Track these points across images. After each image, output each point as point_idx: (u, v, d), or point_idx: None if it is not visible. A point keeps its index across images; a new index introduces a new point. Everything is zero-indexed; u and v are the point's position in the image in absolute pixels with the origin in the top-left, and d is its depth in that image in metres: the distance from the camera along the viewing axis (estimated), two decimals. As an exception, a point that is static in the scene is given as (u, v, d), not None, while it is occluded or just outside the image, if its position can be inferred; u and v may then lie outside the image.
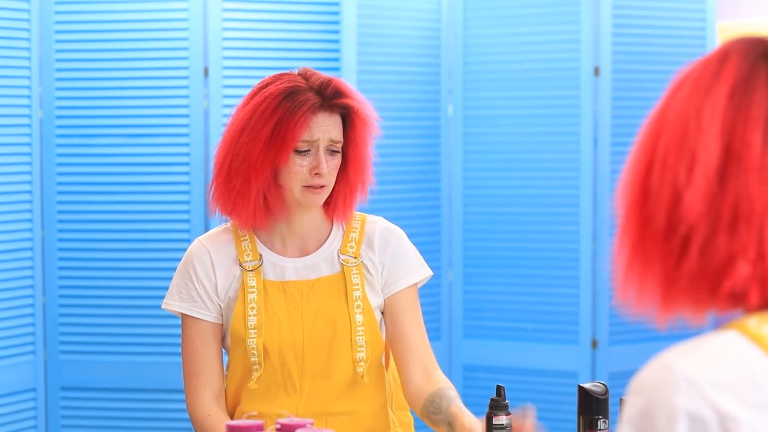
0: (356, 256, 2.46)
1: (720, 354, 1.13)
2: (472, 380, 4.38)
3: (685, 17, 4.32)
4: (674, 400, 1.11)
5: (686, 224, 1.17)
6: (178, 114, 3.99)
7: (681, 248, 1.18)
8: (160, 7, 3.99)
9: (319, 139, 2.36)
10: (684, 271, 1.17)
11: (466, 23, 4.37)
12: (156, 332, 4.01)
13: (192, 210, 3.99)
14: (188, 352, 2.47)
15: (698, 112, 1.19)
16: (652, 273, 1.20)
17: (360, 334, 2.42)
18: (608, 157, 4.23)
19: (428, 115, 4.34)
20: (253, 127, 2.36)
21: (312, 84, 2.38)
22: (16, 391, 3.89)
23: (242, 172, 2.37)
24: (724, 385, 1.11)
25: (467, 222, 4.40)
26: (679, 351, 1.15)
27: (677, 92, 1.23)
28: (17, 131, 3.88)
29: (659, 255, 1.19)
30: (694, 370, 1.12)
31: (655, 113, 1.25)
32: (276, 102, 2.35)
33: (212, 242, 2.47)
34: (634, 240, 1.22)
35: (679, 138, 1.19)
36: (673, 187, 1.18)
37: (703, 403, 1.10)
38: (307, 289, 2.43)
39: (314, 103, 2.35)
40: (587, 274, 4.23)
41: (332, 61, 4.03)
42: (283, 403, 2.40)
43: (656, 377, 1.14)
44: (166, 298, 2.50)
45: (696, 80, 1.21)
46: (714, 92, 1.19)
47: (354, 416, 2.44)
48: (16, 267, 3.88)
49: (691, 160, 1.17)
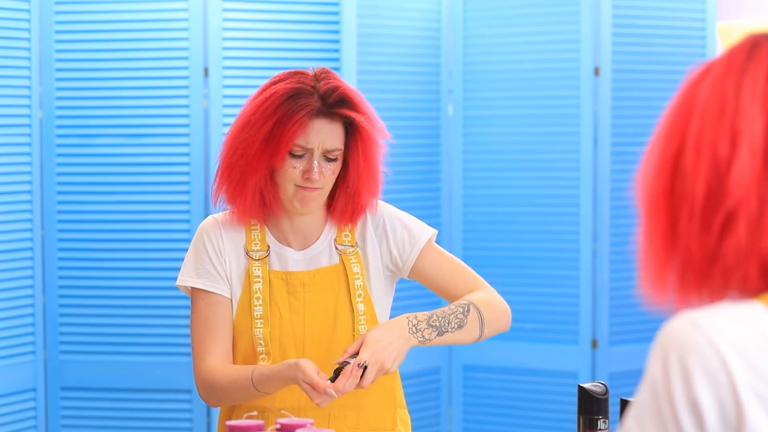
0: (353, 244, 2.46)
1: (743, 318, 1.13)
2: (472, 380, 4.38)
3: (685, 17, 4.32)
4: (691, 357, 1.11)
5: (733, 198, 1.14)
6: (178, 114, 3.99)
7: (724, 224, 1.15)
8: (160, 7, 3.99)
9: (314, 147, 2.35)
10: (730, 247, 1.15)
11: (466, 23, 4.37)
12: (156, 332, 4.01)
13: (192, 210, 3.99)
14: (196, 323, 2.43)
15: (737, 89, 1.16)
16: (684, 256, 1.18)
17: (362, 324, 2.42)
18: (608, 157, 4.23)
19: (428, 115, 4.34)
20: (254, 124, 2.36)
21: (319, 88, 2.36)
22: (16, 391, 3.89)
23: (240, 167, 2.38)
24: (747, 354, 1.10)
25: (467, 222, 4.40)
26: (708, 311, 1.14)
27: (702, 79, 1.20)
28: (17, 131, 3.88)
29: (696, 234, 1.16)
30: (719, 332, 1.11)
31: (678, 102, 1.22)
32: (278, 102, 2.35)
33: (225, 223, 2.47)
34: (663, 226, 1.19)
35: (716, 115, 1.16)
36: (712, 162, 1.15)
37: (718, 363, 1.10)
38: (309, 279, 2.43)
39: (314, 108, 2.34)
40: (587, 274, 4.23)
41: (332, 61, 4.02)
42: (285, 398, 2.40)
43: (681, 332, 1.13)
44: (181, 274, 2.46)
45: (727, 64, 1.19)
46: (751, 71, 1.17)
47: (358, 412, 2.44)
48: (16, 267, 3.88)
49: (734, 133, 1.15)
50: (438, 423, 4.37)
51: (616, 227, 4.24)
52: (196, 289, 2.44)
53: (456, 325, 2.39)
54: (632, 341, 4.24)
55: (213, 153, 3.92)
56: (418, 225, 2.53)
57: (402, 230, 2.50)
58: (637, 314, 4.21)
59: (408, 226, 2.51)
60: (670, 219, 1.19)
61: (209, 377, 2.39)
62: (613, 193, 4.23)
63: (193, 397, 3.99)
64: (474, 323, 2.42)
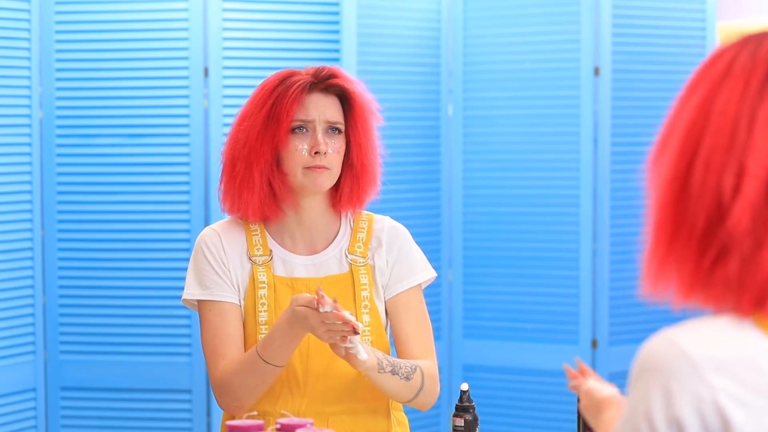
0: (364, 256, 2.46)
1: (725, 336, 1.13)
2: (472, 380, 4.38)
3: (685, 17, 4.32)
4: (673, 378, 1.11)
5: (730, 235, 1.14)
6: (178, 114, 3.99)
7: (718, 255, 1.15)
8: (160, 7, 3.99)
9: (315, 118, 2.39)
10: (719, 277, 1.15)
11: (466, 23, 4.37)
12: (156, 332, 4.01)
13: (192, 210, 3.99)
14: (207, 335, 2.41)
15: (751, 117, 1.14)
16: (679, 269, 1.18)
17: (366, 335, 2.42)
18: (608, 157, 4.23)
19: (428, 115, 4.34)
20: (251, 114, 2.40)
21: (308, 70, 2.44)
22: (16, 391, 3.89)
23: (243, 156, 2.38)
24: (725, 366, 1.10)
25: (467, 222, 4.40)
26: (684, 328, 1.14)
27: (718, 88, 1.17)
28: (17, 131, 3.88)
29: (692, 256, 1.17)
30: (697, 349, 1.11)
31: (693, 108, 1.19)
32: (272, 87, 2.41)
33: (224, 231, 2.46)
34: (665, 236, 1.19)
35: (727, 141, 1.14)
36: (716, 193, 1.15)
37: (701, 385, 1.10)
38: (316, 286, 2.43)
39: (307, 82, 2.40)
40: (587, 274, 4.23)
41: (332, 61, 4.02)
42: (286, 402, 2.40)
43: (659, 352, 1.13)
44: (185, 289, 2.44)
45: (744, 82, 1.16)
46: (767, 98, 1.15)
47: (356, 415, 2.44)
48: (16, 267, 3.88)
49: (740, 169, 1.13)
50: (438, 423, 4.37)
51: (616, 227, 4.24)
52: (202, 301, 2.43)
53: (404, 376, 2.38)
54: (632, 341, 4.24)
55: (213, 153, 3.93)
56: (422, 263, 2.54)
57: (407, 260, 2.49)
58: (637, 314, 4.21)
59: (414, 260, 2.51)
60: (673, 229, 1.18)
61: (222, 377, 2.37)
62: (613, 193, 4.23)
63: (193, 397, 3.99)
64: (415, 385, 2.41)
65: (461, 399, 2.40)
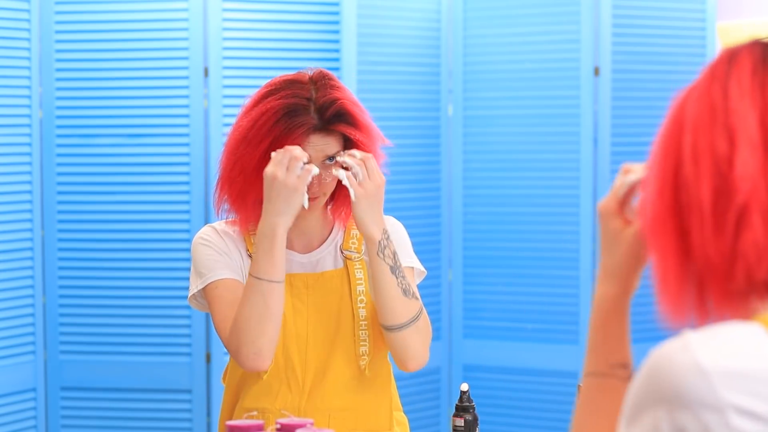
0: (359, 250, 2.47)
1: (740, 343, 1.11)
2: (472, 380, 4.38)
3: (685, 17, 4.32)
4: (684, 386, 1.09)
5: (742, 193, 1.13)
6: (178, 114, 4.00)
7: (738, 221, 1.13)
8: (160, 7, 3.99)
9: (314, 156, 2.35)
10: (748, 242, 1.12)
11: (466, 23, 4.37)
12: (156, 332, 4.01)
13: (192, 210, 3.99)
14: (217, 310, 2.38)
15: (724, 93, 1.16)
16: (702, 265, 1.16)
17: (363, 329, 2.42)
18: (608, 157, 4.23)
19: (428, 115, 4.34)
20: (251, 140, 2.36)
21: (316, 100, 2.35)
22: (16, 391, 3.90)
23: (239, 182, 2.38)
24: (737, 376, 1.09)
25: (467, 222, 4.40)
26: (700, 336, 1.12)
27: (687, 98, 1.20)
28: (17, 131, 3.89)
29: (710, 238, 1.14)
30: (709, 358, 1.10)
31: (668, 123, 1.21)
32: (275, 118, 2.34)
33: (221, 229, 2.46)
34: (674, 243, 1.17)
35: (708, 120, 1.16)
36: (714, 163, 1.14)
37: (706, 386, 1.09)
38: (312, 282, 2.43)
39: (311, 126, 2.34)
40: (587, 274, 4.23)
41: (332, 61, 4.03)
42: (286, 399, 2.40)
43: (671, 358, 1.11)
44: (190, 286, 2.44)
45: (709, 76, 1.19)
46: (734, 74, 1.17)
47: (357, 413, 2.44)
48: (16, 267, 3.89)
49: (729, 131, 1.14)
50: (438, 423, 4.37)
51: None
52: (208, 285, 2.41)
53: (403, 287, 2.34)
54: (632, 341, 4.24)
55: (213, 153, 3.93)
56: (414, 256, 2.52)
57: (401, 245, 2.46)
58: (637, 314, 4.20)
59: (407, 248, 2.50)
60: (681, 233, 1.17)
61: (231, 327, 2.33)
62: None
63: (193, 397, 3.99)
64: (411, 308, 2.36)
65: (461, 399, 2.40)
